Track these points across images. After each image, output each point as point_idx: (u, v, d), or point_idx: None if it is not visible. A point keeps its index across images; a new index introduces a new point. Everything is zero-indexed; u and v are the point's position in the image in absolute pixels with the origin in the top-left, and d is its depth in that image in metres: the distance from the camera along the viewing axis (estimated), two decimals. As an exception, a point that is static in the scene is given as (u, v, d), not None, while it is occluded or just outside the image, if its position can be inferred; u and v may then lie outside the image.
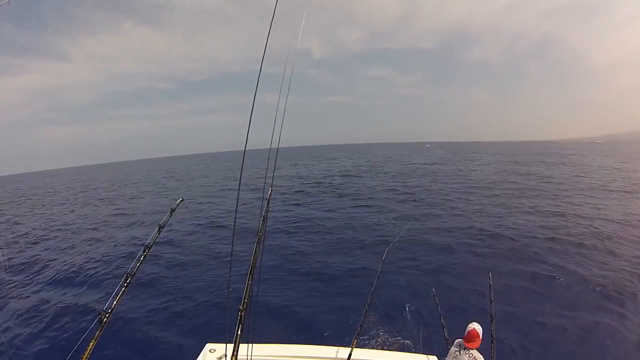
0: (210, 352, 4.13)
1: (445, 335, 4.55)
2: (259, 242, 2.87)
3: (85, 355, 2.32)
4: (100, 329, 2.45)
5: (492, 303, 4.33)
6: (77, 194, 40.88)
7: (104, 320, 2.48)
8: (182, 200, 3.70)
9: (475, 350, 3.76)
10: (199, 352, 4.16)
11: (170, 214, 3.44)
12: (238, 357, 2.46)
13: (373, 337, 6.72)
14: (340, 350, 4.07)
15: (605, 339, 6.71)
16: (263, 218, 3.06)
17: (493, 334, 4.02)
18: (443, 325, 4.67)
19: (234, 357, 2.45)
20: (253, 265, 2.72)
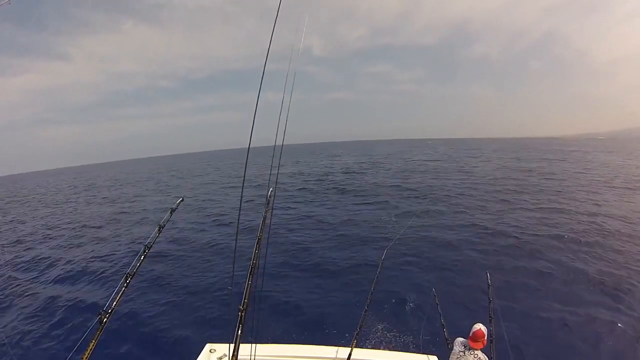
0: (211, 352, 4.14)
1: (446, 335, 4.54)
2: (259, 242, 2.86)
3: (86, 355, 2.33)
4: (101, 329, 2.45)
5: (490, 303, 4.32)
6: (79, 192, 41.08)
7: (104, 321, 2.48)
8: (182, 200, 3.68)
9: (480, 351, 3.74)
10: (199, 352, 4.17)
11: (171, 214, 3.43)
12: (238, 357, 2.47)
13: (373, 336, 6.70)
14: (340, 350, 4.06)
15: (606, 335, 6.71)
16: (263, 218, 3.05)
17: (492, 334, 4.02)
18: (443, 325, 4.66)
19: (234, 357, 2.45)
20: (253, 266, 2.72)
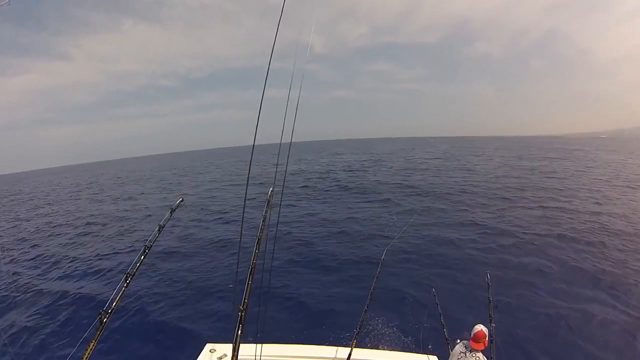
0: (211, 352, 4.15)
1: (446, 335, 4.54)
2: (259, 242, 2.86)
3: (86, 355, 2.33)
4: (101, 329, 2.45)
5: (490, 303, 4.31)
6: (81, 190, 41.19)
7: (104, 321, 2.49)
8: (182, 200, 3.66)
9: (481, 353, 3.72)
10: (199, 352, 4.18)
11: (171, 214, 3.42)
12: (238, 357, 2.47)
13: (373, 336, 6.68)
14: (340, 350, 4.07)
15: (607, 333, 6.71)
16: (264, 218, 3.04)
17: (493, 334, 4.01)
18: (443, 325, 4.66)
19: (234, 357, 2.46)
20: (253, 266, 2.72)
